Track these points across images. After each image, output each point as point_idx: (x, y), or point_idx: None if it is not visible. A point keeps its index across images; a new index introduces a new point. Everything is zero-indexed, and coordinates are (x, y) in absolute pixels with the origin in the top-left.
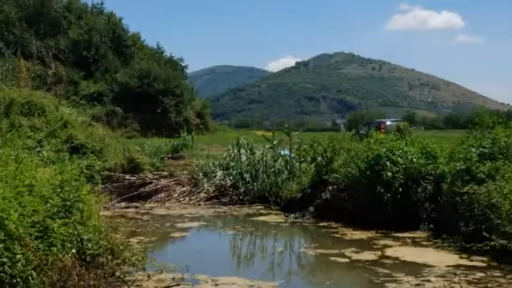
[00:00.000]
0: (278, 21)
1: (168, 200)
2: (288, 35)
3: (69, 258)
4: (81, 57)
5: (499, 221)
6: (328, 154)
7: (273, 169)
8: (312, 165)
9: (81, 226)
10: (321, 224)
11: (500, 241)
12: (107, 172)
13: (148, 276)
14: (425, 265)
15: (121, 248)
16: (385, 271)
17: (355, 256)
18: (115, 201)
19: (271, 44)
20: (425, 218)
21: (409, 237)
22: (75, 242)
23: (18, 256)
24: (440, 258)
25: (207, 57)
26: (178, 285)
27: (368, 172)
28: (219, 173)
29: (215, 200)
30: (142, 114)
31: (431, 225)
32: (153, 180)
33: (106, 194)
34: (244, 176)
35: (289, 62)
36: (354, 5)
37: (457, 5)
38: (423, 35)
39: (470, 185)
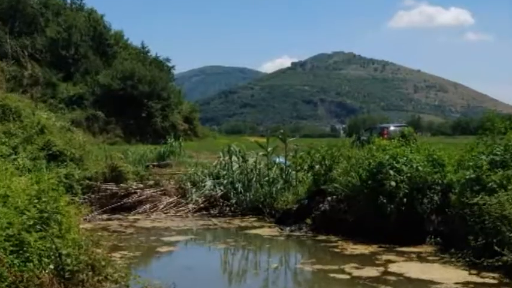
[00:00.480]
0: (273, 19)
1: (153, 211)
2: (284, 33)
3: (46, 274)
4: (59, 57)
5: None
6: (326, 162)
7: (267, 178)
8: (309, 174)
9: (60, 240)
10: (319, 237)
11: None
12: (87, 181)
13: None
14: (431, 282)
15: (103, 263)
16: None
17: (355, 272)
18: (96, 212)
19: (265, 43)
20: (432, 231)
21: (414, 252)
22: (53, 257)
23: None
24: (448, 275)
25: (195, 57)
26: None
27: (370, 181)
28: (209, 183)
29: (204, 212)
30: (125, 118)
31: (438, 239)
32: (138, 190)
33: (86, 205)
34: (236, 185)
35: (285, 62)
36: (354, 1)
37: (466, 1)
38: (429, 33)
39: (481, 196)
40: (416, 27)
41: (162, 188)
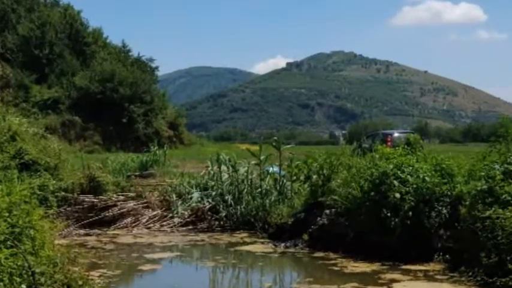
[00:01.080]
0: (265, 15)
1: (135, 226)
2: (278, 31)
3: None
4: (32, 57)
5: None
6: (325, 172)
7: (259, 190)
8: (305, 185)
9: (33, 257)
10: (317, 254)
11: None
12: (63, 193)
13: None
14: None
15: (80, 283)
16: None
17: None
18: (73, 227)
19: (258, 41)
20: (440, 247)
21: (421, 270)
22: (25, 275)
23: None
24: None
25: (181, 57)
26: None
27: (372, 193)
28: (196, 194)
29: (191, 226)
30: (104, 124)
31: (447, 256)
32: (118, 203)
33: (62, 219)
34: (226, 197)
35: (279, 62)
36: None
37: None
38: (437, 31)
39: (494, 209)
40: (423, 24)
41: (144, 201)
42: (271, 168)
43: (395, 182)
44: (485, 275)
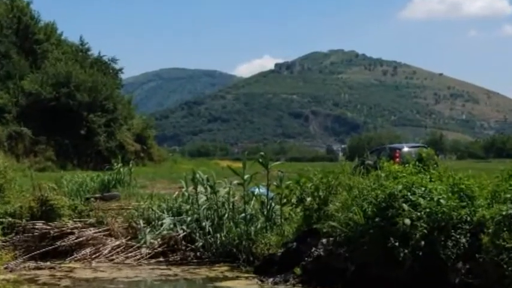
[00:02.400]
0: (250, 8)
1: (95, 257)
2: (264, 26)
3: None
4: None
5: None
6: (321, 193)
7: (243, 215)
8: (298, 209)
9: None
10: None
11: None
12: (9, 219)
13: None
14: None
15: None
16: None
17: None
18: (21, 259)
19: (240, 38)
20: (458, 282)
21: None
22: None
23: None
24: None
25: (150, 57)
26: None
27: (377, 218)
28: (168, 220)
29: (162, 258)
30: (59, 137)
31: None
32: (75, 230)
33: (8, 249)
34: (203, 224)
35: (266, 63)
36: None
37: None
38: (454, 26)
39: None
40: (437, 18)
41: (106, 228)
42: (257, 190)
43: (405, 206)
44: None
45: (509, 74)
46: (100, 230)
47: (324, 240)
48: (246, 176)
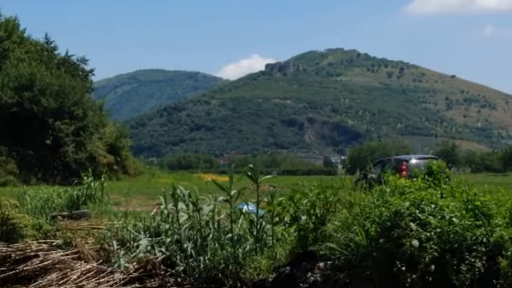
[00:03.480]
0: (236, 3)
1: (63, 283)
2: (254, 22)
3: None
4: None
5: None
6: (317, 211)
7: (229, 235)
8: (292, 229)
9: None
10: None
11: None
12: None
13: None
14: None
15: None
16: None
17: None
18: None
19: (227, 36)
20: None
21: None
22: None
23: None
24: None
25: (125, 57)
26: None
27: (381, 239)
28: (144, 242)
29: (138, 284)
30: (21, 147)
31: None
32: (40, 253)
33: None
34: (185, 246)
35: (256, 64)
36: None
37: None
38: (469, 22)
39: None
40: (449, 13)
41: (75, 250)
42: (245, 207)
43: (413, 225)
44: None
45: None
46: (68, 252)
47: (321, 264)
48: (233, 192)
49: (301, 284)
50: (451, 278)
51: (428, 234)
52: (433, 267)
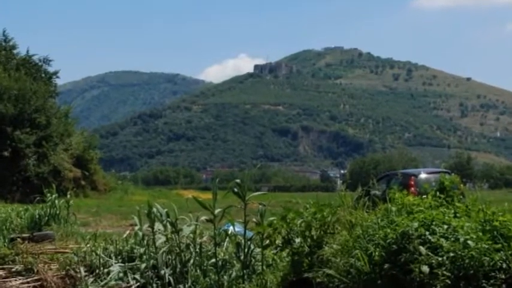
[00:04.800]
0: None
1: None
2: (241, 18)
3: None
4: None
5: None
6: (313, 233)
7: (213, 260)
8: (284, 253)
9: None
10: None
11: None
12: None
13: None
14: None
15: None
16: None
17: None
18: None
19: (210, 33)
20: None
21: None
22: None
23: None
24: None
25: (93, 57)
26: None
27: (387, 265)
28: (116, 268)
29: None
30: None
31: None
32: None
33: None
34: (162, 272)
35: (243, 65)
36: None
37: None
38: (487, 18)
39: None
40: (464, 7)
41: (37, 277)
42: (231, 228)
43: (422, 249)
44: None
45: None
46: (29, 280)
47: None
48: (217, 211)
49: None
50: None
51: (439, 259)
52: None
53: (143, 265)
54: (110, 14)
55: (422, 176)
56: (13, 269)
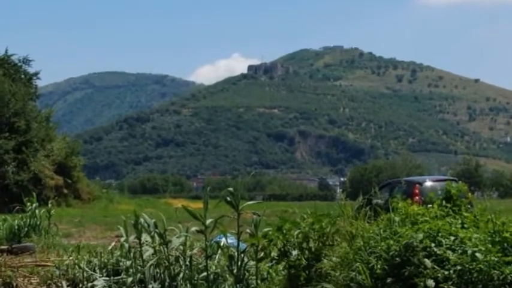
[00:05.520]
0: None
1: None
2: (234, 16)
3: None
4: None
5: None
6: (311, 245)
7: (204, 274)
8: (280, 266)
9: None
10: None
11: None
12: None
13: None
14: None
15: None
16: None
17: None
18: None
19: (201, 32)
20: None
21: None
22: None
23: None
24: None
25: (77, 57)
26: None
27: (389, 279)
28: (101, 282)
29: None
30: None
31: None
32: None
33: None
34: (150, 286)
35: (236, 65)
36: None
37: None
38: (496, 14)
39: None
40: (472, 3)
41: None
42: (223, 239)
43: (428, 262)
44: None
45: None
46: None
47: None
48: (208, 221)
49: None
50: None
51: (446, 272)
52: None
53: (129, 279)
54: (94, 11)
55: (428, 184)
56: None
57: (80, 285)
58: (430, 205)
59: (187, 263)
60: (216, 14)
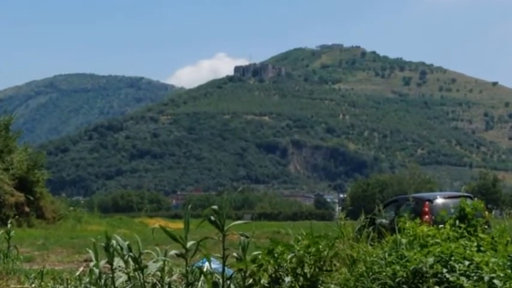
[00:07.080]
0: None
1: None
2: (219, 11)
3: None
4: None
5: None
6: (306, 270)
7: None
8: None
9: None
10: None
11: None
12: None
13: None
14: None
15: None
16: None
17: None
18: None
19: (181, 29)
20: None
21: None
22: None
23: None
24: None
25: (40, 58)
26: None
27: None
28: None
29: None
30: None
31: None
32: None
33: None
34: None
35: (221, 67)
36: None
37: None
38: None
39: None
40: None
41: None
42: (206, 264)
43: None
44: None
45: None
46: None
47: None
48: (189, 243)
49: None
50: None
51: None
52: None
53: None
54: (59, 7)
55: (439, 201)
56: None
57: None
58: (442, 225)
59: None
60: (198, 9)
